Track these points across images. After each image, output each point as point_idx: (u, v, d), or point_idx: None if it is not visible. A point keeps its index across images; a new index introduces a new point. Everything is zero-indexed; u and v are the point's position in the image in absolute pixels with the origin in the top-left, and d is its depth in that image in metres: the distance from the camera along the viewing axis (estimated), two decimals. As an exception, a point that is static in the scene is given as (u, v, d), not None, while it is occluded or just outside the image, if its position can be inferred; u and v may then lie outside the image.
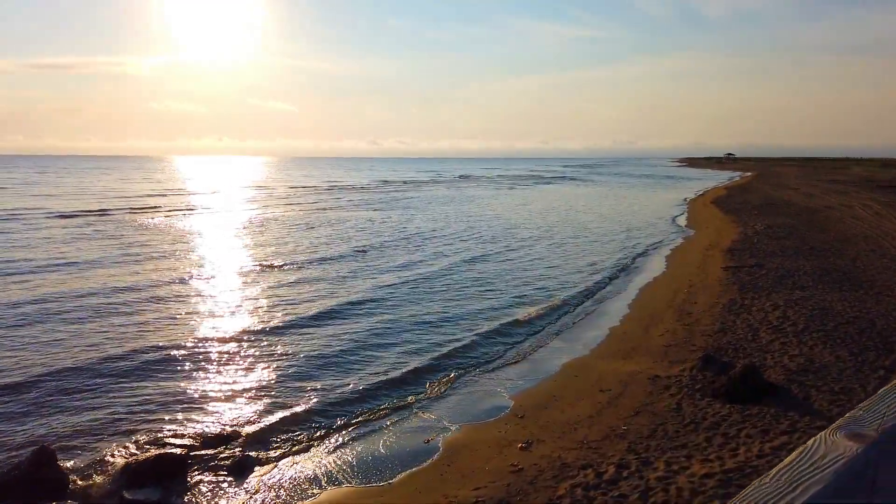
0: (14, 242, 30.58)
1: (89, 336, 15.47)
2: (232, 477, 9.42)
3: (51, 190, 72.33)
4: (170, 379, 12.91)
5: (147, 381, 12.72)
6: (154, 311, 18.00)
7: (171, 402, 11.71)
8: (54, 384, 12.39)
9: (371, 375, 13.29)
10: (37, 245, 29.77)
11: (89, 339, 15.26)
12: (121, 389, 12.25)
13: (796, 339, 14.17)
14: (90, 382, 12.56)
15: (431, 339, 15.84)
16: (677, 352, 14.12)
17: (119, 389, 12.25)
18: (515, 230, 38.17)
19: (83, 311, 17.71)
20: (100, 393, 12.04)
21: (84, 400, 11.68)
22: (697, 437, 9.60)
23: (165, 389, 12.31)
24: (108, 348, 14.59)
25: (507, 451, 9.80)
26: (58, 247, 29.33)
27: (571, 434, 10.21)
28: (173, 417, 11.11)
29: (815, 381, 11.54)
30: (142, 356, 14.10)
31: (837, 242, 27.97)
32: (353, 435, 10.69)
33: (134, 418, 10.95)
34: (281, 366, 13.73)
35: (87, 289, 20.43)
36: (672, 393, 11.60)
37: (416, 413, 11.60)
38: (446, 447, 10.14)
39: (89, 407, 11.36)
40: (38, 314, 17.32)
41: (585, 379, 13.02)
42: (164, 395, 12.02)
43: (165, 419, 11.03)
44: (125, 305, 18.56)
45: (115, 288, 20.68)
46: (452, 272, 24.52)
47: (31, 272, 23.14)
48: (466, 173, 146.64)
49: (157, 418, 11.02)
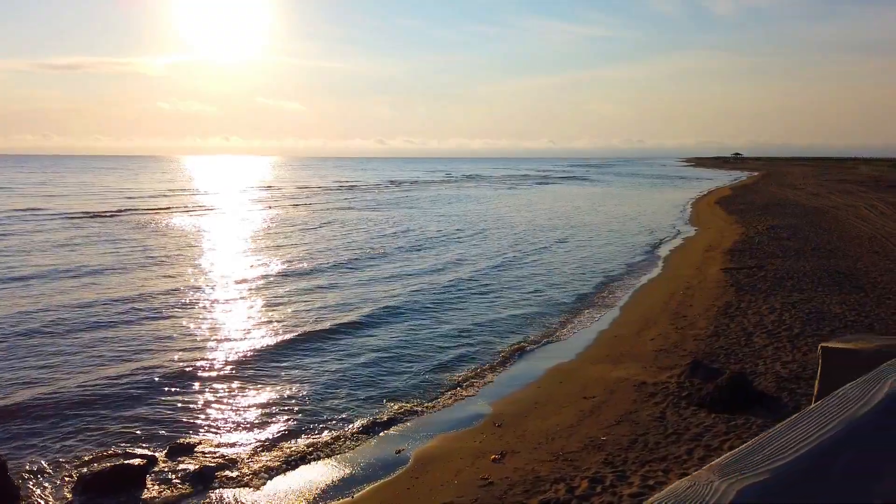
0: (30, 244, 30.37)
1: (53, 344, 15.08)
2: (192, 490, 9.04)
3: (69, 189, 72.33)
4: (134, 389, 12.40)
5: (109, 390, 12.26)
6: (131, 323, 17.66)
7: (133, 412, 11.29)
8: (7, 391, 12.01)
9: (345, 384, 12.88)
10: (39, 247, 29.55)
11: (53, 347, 14.88)
12: (81, 399, 11.79)
13: (790, 344, 13.68)
14: (48, 392, 12.11)
15: (411, 346, 15.41)
16: (667, 357, 13.66)
17: (79, 399, 11.79)
18: (520, 230, 37.73)
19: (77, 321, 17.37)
20: (59, 402, 11.61)
21: (41, 409, 11.26)
22: (678, 449, 9.15)
23: (129, 399, 11.87)
24: (68, 355, 14.17)
25: (480, 462, 9.37)
26: (78, 249, 29.10)
27: (549, 444, 9.78)
28: (135, 428, 10.69)
29: (807, 390, 11.05)
30: (105, 366, 13.65)
31: (841, 243, 27.41)
32: (321, 446, 10.26)
33: (92, 428, 10.56)
34: (254, 378, 13.22)
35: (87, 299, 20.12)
36: (657, 401, 11.15)
37: (393, 422, 11.18)
38: (417, 458, 9.73)
39: (44, 416, 10.98)
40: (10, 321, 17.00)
41: (571, 385, 12.58)
42: (126, 405, 11.59)
43: (126, 430, 10.61)
44: (96, 316, 18.20)
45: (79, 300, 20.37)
46: (455, 282, 24.10)
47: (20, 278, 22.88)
48: (475, 173, 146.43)
49: (118, 429, 10.62)
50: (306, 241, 33.18)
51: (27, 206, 49.66)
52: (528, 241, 33.03)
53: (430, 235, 35.22)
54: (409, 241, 32.85)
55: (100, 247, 29.78)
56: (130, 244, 30.88)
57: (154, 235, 34.69)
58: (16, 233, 34.18)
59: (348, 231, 37.26)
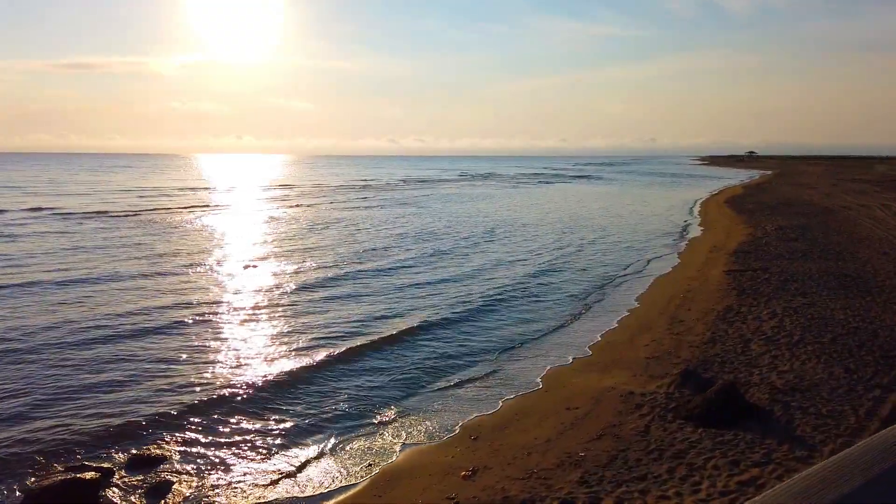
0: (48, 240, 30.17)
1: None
2: (147, 503, 8.60)
3: (94, 188, 72.31)
4: (92, 395, 11.96)
5: (62, 396, 11.81)
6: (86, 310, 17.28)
7: (97, 421, 10.84)
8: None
9: (314, 393, 12.41)
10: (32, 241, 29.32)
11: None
12: (36, 403, 11.36)
13: (789, 352, 13.07)
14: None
15: (397, 353, 14.92)
16: (659, 365, 13.09)
17: (34, 403, 11.35)
18: (524, 231, 37.15)
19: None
20: (8, 409, 11.18)
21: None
22: (659, 468, 8.59)
23: (93, 407, 11.43)
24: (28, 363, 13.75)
25: (449, 479, 8.86)
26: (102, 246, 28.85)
27: (524, 460, 9.25)
28: (95, 438, 10.23)
29: (802, 402, 10.47)
30: (55, 370, 13.23)
31: (850, 244, 26.64)
32: (288, 461, 9.77)
33: (46, 439, 10.10)
34: (222, 386, 12.72)
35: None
36: (643, 413, 10.59)
37: (368, 432, 10.68)
38: (385, 473, 9.23)
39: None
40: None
41: (555, 394, 12.04)
42: (90, 413, 11.17)
43: (85, 440, 10.18)
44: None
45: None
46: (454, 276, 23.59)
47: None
48: (488, 171, 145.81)
49: (76, 438, 10.18)
50: (338, 241, 32.75)
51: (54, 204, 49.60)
52: (531, 242, 32.43)
53: (426, 235, 34.70)
54: (405, 240, 32.36)
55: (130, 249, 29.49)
56: (152, 244, 30.57)
57: (180, 235, 34.37)
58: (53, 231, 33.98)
59: (392, 227, 36.80)
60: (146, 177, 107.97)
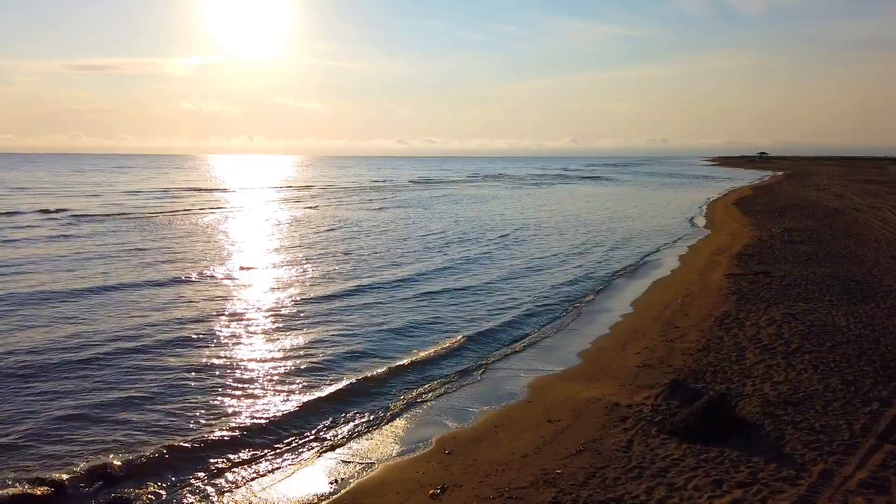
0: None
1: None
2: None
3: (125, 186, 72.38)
4: (55, 398, 11.61)
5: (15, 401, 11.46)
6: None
7: (49, 431, 10.41)
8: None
9: (296, 393, 11.99)
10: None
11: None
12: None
13: (785, 361, 12.53)
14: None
15: (378, 356, 14.48)
16: (649, 374, 12.59)
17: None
18: (526, 231, 36.64)
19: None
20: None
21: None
22: (638, 487, 8.11)
23: (46, 413, 11.02)
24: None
25: (417, 497, 8.41)
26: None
27: (496, 477, 8.79)
28: (47, 450, 9.83)
29: (795, 416, 9.95)
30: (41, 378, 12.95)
31: (857, 248, 25.99)
32: (251, 477, 9.34)
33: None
34: (189, 392, 12.36)
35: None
36: (627, 427, 10.10)
37: (335, 446, 10.24)
38: (351, 492, 8.78)
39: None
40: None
41: (537, 405, 11.55)
42: (52, 423, 10.77)
43: (37, 451, 9.77)
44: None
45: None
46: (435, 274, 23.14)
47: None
48: (499, 172, 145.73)
49: (28, 450, 9.78)
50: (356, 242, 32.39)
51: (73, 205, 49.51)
52: (531, 241, 31.91)
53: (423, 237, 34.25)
54: (399, 239, 31.92)
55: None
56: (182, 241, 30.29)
57: (205, 234, 34.10)
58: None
59: (410, 227, 36.42)
60: (167, 175, 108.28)
